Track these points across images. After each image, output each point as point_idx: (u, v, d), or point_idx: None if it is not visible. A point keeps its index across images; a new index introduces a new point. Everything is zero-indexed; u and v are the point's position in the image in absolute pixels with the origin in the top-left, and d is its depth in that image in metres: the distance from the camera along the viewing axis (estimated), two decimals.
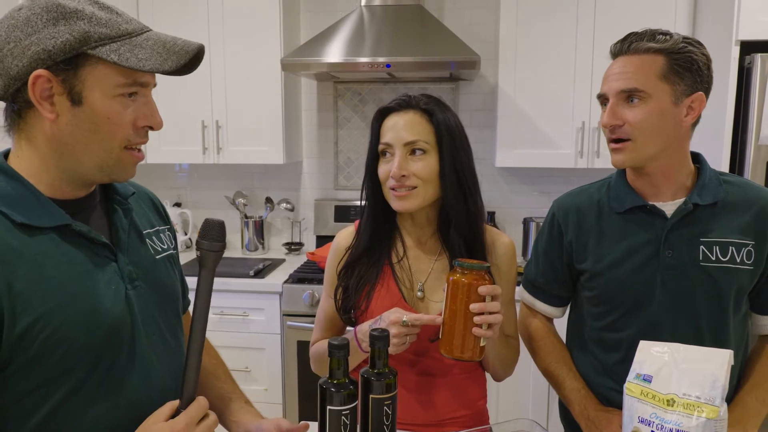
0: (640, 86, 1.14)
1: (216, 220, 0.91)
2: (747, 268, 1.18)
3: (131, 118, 0.87)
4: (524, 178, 3.04)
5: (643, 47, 1.15)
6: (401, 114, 1.24)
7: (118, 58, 0.82)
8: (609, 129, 1.19)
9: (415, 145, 1.22)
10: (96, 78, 0.83)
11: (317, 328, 1.40)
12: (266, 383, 2.68)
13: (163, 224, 1.10)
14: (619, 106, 1.17)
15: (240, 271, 2.71)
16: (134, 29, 0.86)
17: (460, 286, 1.09)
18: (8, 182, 0.86)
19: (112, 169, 0.89)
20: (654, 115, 1.14)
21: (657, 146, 1.17)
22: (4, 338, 0.79)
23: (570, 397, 1.31)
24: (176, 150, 2.89)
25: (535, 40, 2.62)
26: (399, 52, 2.50)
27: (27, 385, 0.82)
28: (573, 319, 1.40)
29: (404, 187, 1.21)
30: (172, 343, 1.01)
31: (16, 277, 0.80)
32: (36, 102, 0.82)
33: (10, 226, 0.83)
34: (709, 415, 0.94)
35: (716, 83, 1.19)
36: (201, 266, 0.90)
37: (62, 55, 0.81)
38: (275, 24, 2.74)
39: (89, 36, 0.81)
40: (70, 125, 0.84)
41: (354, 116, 3.12)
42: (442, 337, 1.11)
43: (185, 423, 0.85)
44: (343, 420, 0.97)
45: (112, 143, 0.87)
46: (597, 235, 1.28)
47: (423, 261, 1.30)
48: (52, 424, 0.84)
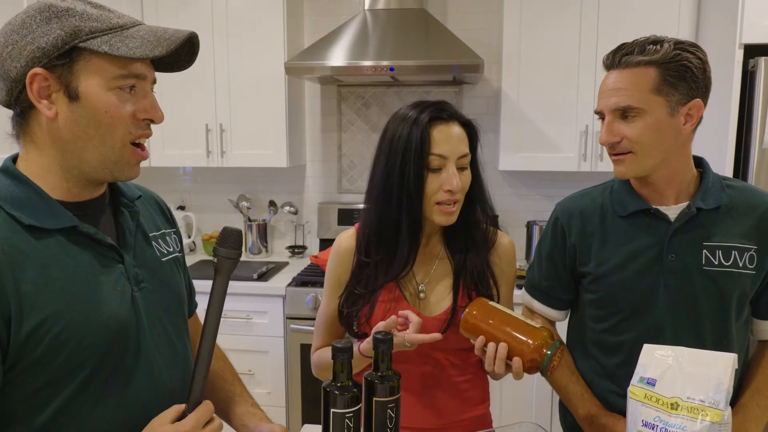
0: (634, 103, 1.13)
1: (234, 228, 0.93)
2: (749, 272, 1.18)
3: (131, 111, 0.87)
4: (528, 182, 3.04)
5: (633, 61, 1.13)
6: (450, 125, 1.20)
7: (109, 48, 0.83)
8: (608, 145, 1.19)
9: (465, 160, 1.20)
10: (90, 71, 0.84)
11: (318, 333, 1.38)
12: (269, 386, 2.68)
13: (169, 227, 1.11)
14: (616, 123, 1.17)
15: (243, 274, 2.72)
16: (125, 23, 0.87)
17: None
18: (17, 185, 0.87)
19: (114, 166, 0.89)
20: (651, 129, 1.14)
21: (658, 157, 1.17)
22: (11, 339, 0.80)
23: (573, 401, 1.31)
24: (180, 153, 2.90)
25: (538, 44, 2.63)
26: (402, 55, 2.51)
27: (34, 385, 0.83)
28: (574, 322, 1.40)
29: (453, 201, 1.19)
30: (177, 345, 1.01)
31: (23, 279, 0.81)
32: (35, 100, 0.84)
33: (18, 229, 0.84)
34: (714, 418, 0.94)
35: (720, 87, 1.18)
36: (216, 272, 0.91)
37: (55, 50, 0.82)
38: (279, 28, 2.75)
39: (80, 30, 0.83)
40: (69, 121, 0.85)
41: (357, 120, 3.12)
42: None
43: (192, 426, 0.86)
44: (346, 423, 0.97)
45: (114, 137, 0.87)
46: (600, 238, 1.27)
47: (425, 263, 1.30)
48: (58, 423, 0.85)
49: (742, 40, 2.08)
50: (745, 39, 2.08)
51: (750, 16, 2.07)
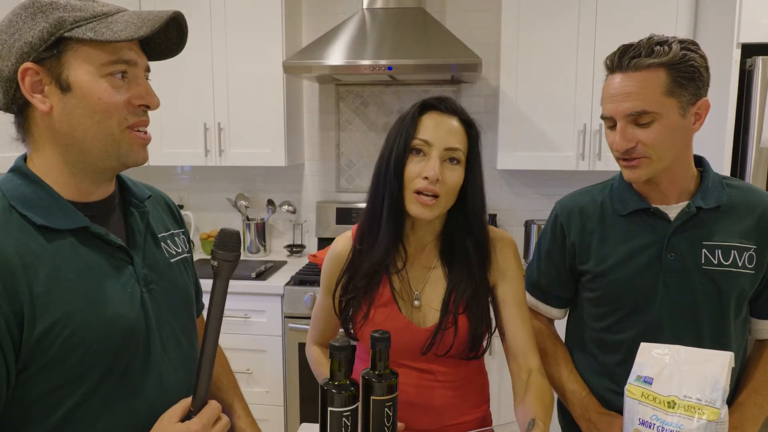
0: (649, 107, 1.11)
1: (231, 230, 0.90)
2: (748, 272, 1.18)
3: (125, 98, 0.87)
4: (526, 181, 3.04)
5: (644, 64, 1.11)
6: (445, 116, 1.18)
7: (95, 34, 0.83)
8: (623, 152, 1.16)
9: (454, 153, 1.16)
10: (79, 60, 0.84)
11: (314, 324, 1.39)
12: (267, 385, 2.68)
13: (177, 228, 1.11)
14: (630, 128, 1.14)
15: (241, 273, 2.72)
16: (109, 10, 0.87)
17: None
18: (28, 185, 0.87)
19: (119, 152, 0.88)
20: (666, 132, 1.12)
21: (671, 159, 1.16)
22: (24, 340, 0.80)
23: (571, 399, 1.31)
24: (178, 152, 2.90)
25: (536, 43, 2.63)
26: (401, 54, 2.50)
27: (46, 386, 0.83)
28: (573, 320, 1.40)
29: (432, 193, 1.15)
30: (186, 347, 1.01)
31: (36, 281, 0.81)
32: (28, 95, 0.84)
33: (30, 229, 0.84)
34: (710, 417, 0.94)
35: (717, 86, 1.18)
36: (216, 275, 0.89)
37: (42, 43, 0.82)
38: (277, 27, 2.75)
39: (64, 20, 0.83)
40: (64, 113, 0.85)
41: (356, 119, 3.12)
42: None
43: (201, 425, 0.86)
44: (344, 421, 0.97)
45: (110, 124, 0.86)
46: (600, 236, 1.28)
47: (420, 270, 1.27)
48: (70, 424, 0.85)
49: (740, 40, 2.09)
50: (743, 38, 2.08)
51: (747, 15, 2.07)
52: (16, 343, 0.80)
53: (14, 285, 0.79)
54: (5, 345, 0.79)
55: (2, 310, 0.78)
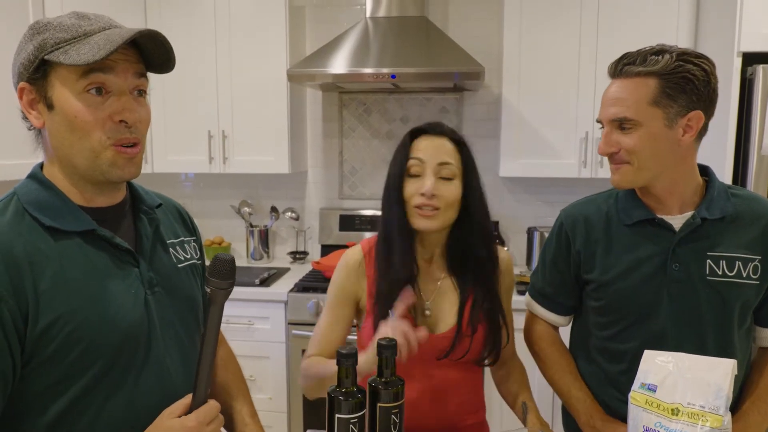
0: (630, 115, 1.14)
1: (226, 256, 0.89)
2: (753, 282, 1.19)
3: (104, 114, 0.89)
4: (528, 188, 3.05)
5: (634, 71, 1.14)
6: (434, 137, 1.28)
7: (63, 58, 0.86)
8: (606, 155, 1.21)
9: (447, 168, 1.25)
10: (59, 81, 0.88)
11: (313, 342, 1.40)
12: (271, 392, 2.68)
13: (189, 235, 1.14)
14: (614, 134, 1.18)
15: (245, 280, 2.73)
16: (93, 30, 0.88)
17: None
18: (41, 190, 0.92)
19: (101, 168, 0.91)
20: (647, 141, 1.15)
21: (656, 169, 1.17)
22: (27, 335, 0.84)
23: (576, 407, 1.32)
24: (182, 159, 2.92)
25: (538, 51, 2.65)
26: (404, 63, 2.52)
27: (47, 381, 0.87)
28: (577, 328, 1.41)
29: (430, 206, 1.23)
30: (189, 349, 1.04)
31: (42, 278, 0.85)
32: (26, 112, 0.91)
33: (39, 230, 0.88)
34: (714, 424, 0.95)
35: (719, 95, 1.19)
36: (210, 302, 0.90)
37: (30, 65, 0.88)
38: (281, 35, 2.77)
39: (46, 43, 0.87)
40: (52, 129, 0.90)
41: (359, 126, 3.14)
42: None
43: (197, 421, 0.88)
44: (351, 428, 0.98)
45: (91, 140, 0.89)
46: (605, 245, 1.28)
47: (429, 282, 1.33)
48: (69, 418, 0.88)
49: (741, 48, 2.10)
50: (744, 47, 2.09)
51: (748, 24, 2.09)
52: (21, 337, 0.84)
53: (21, 281, 0.84)
54: (11, 338, 0.83)
55: (9, 305, 0.82)
